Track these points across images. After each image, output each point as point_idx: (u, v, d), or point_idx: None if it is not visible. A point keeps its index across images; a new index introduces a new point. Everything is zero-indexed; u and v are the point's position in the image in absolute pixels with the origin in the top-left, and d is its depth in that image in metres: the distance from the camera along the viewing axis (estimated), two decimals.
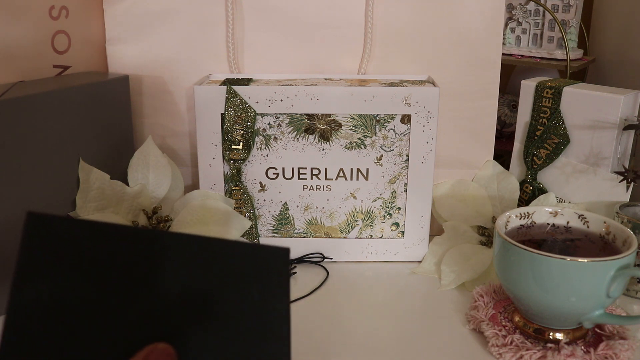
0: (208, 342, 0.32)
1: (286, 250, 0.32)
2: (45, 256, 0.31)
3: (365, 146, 0.68)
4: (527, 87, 0.75)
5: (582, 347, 0.52)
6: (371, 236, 0.72)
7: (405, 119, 0.67)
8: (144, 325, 0.31)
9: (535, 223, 0.59)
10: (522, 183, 0.76)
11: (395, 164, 0.69)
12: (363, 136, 0.68)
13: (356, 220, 0.71)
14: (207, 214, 0.68)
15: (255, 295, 0.32)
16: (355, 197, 0.70)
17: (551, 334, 0.53)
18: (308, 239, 0.72)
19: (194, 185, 0.78)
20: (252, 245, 0.33)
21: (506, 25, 0.95)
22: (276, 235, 0.72)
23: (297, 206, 0.71)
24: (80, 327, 0.30)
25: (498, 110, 0.85)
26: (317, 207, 0.71)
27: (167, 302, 0.31)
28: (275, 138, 0.68)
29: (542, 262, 0.49)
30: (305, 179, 0.70)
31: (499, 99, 0.78)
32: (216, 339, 0.32)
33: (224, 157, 0.69)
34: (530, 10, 0.93)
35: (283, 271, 0.32)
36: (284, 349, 0.32)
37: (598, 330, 0.55)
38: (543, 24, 0.93)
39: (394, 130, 0.68)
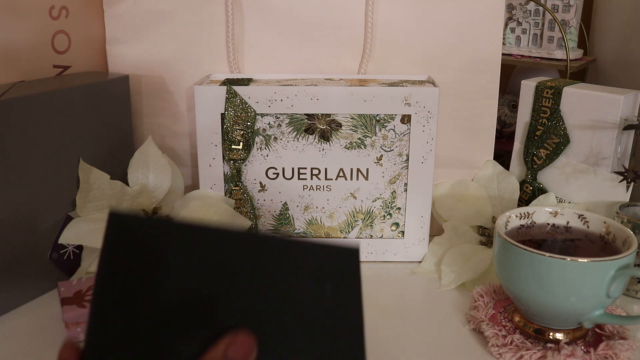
0: (284, 339, 0.32)
1: (356, 249, 0.33)
2: (125, 253, 0.32)
3: (365, 146, 0.68)
4: (527, 87, 0.75)
5: (582, 347, 0.52)
6: (371, 236, 0.72)
7: (405, 119, 0.67)
8: (220, 320, 0.32)
9: (535, 223, 0.59)
10: (522, 183, 0.76)
11: (395, 164, 0.69)
12: (363, 136, 0.68)
13: (356, 220, 0.71)
14: (207, 214, 0.68)
15: (328, 293, 0.33)
16: (355, 197, 0.70)
17: (551, 334, 0.53)
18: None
19: (194, 185, 0.78)
20: (323, 245, 0.34)
21: (506, 25, 0.95)
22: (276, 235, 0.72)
23: (297, 206, 0.71)
24: (159, 321, 0.31)
25: (498, 110, 0.85)
26: (317, 207, 0.71)
27: (243, 298, 0.32)
28: (275, 138, 0.68)
29: (542, 262, 0.49)
30: (305, 179, 0.70)
31: (499, 99, 0.78)
32: (292, 335, 0.32)
33: (224, 157, 0.69)
34: (530, 10, 0.93)
35: (354, 269, 0.34)
36: (359, 343, 0.34)
37: (598, 330, 0.55)
38: (543, 24, 0.93)
39: (394, 130, 0.68)
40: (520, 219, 0.59)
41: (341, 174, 0.69)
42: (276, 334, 0.32)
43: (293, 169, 0.69)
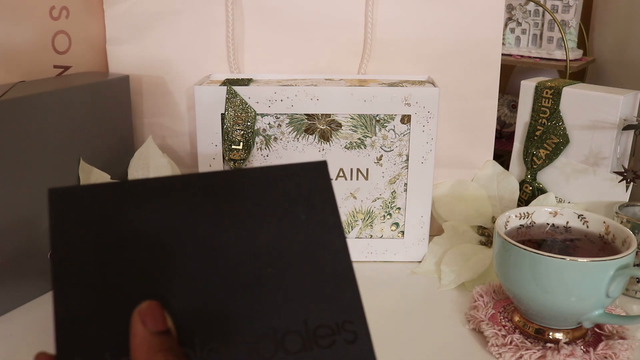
0: (267, 276, 0.30)
1: (323, 163, 0.31)
2: (77, 228, 0.29)
3: (365, 146, 0.68)
4: (527, 87, 0.75)
5: (582, 347, 0.52)
6: (371, 236, 0.72)
7: (405, 119, 0.67)
8: (198, 269, 0.29)
9: (535, 223, 0.59)
10: (522, 183, 0.76)
11: (395, 164, 0.69)
12: (363, 136, 0.68)
13: (356, 220, 0.71)
14: None
15: (302, 217, 0.31)
16: (355, 197, 0.70)
17: (551, 333, 0.53)
18: None
19: None
20: (286, 166, 0.31)
21: (506, 25, 0.95)
22: None
23: None
24: (131, 290, 0.29)
25: (498, 110, 0.85)
26: None
27: (210, 245, 0.30)
28: (276, 138, 0.68)
29: (541, 262, 0.49)
30: None
31: (499, 99, 0.78)
32: (276, 271, 0.30)
33: (224, 157, 0.69)
34: (530, 11, 0.93)
35: (325, 185, 0.31)
36: (345, 262, 0.31)
37: (598, 330, 0.55)
38: (543, 25, 0.93)
39: (394, 130, 0.68)
40: (520, 219, 0.59)
41: (341, 174, 0.69)
42: (258, 272, 0.30)
43: None
